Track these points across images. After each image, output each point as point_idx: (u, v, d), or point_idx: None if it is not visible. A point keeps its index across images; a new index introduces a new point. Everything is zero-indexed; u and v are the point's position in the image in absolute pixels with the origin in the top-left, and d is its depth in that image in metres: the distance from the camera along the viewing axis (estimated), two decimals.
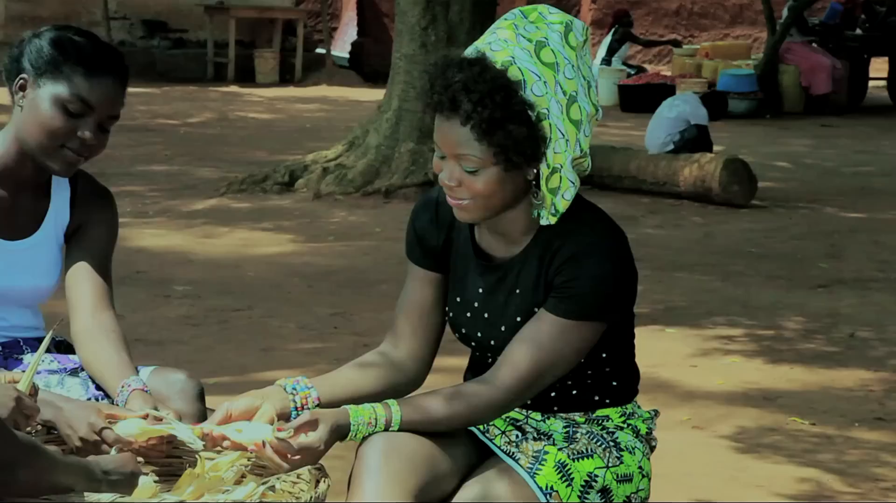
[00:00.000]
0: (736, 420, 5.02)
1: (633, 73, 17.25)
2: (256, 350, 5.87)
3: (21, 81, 2.93)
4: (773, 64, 15.81)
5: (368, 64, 18.98)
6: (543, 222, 2.70)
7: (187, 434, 2.61)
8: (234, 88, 17.30)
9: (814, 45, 16.33)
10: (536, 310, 2.71)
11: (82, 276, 3.02)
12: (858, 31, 17.12)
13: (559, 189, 2.66)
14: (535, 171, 2.65)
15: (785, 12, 16.01)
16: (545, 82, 2.60)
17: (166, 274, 7.33)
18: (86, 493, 2.31)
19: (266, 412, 2.67)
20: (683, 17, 20.99)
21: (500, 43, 2.63)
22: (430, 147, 9.83)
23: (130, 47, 17.45)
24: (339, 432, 2.63)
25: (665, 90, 14.99)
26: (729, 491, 4.31)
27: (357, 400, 2.75)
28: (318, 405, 2.74)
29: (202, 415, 2.91)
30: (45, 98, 2.89)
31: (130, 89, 3.03)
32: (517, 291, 2.75)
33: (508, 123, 2.58)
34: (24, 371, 2.72)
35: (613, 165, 10.16)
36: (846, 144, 13.50)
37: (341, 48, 19.59)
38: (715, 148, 10.57)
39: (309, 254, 8.04)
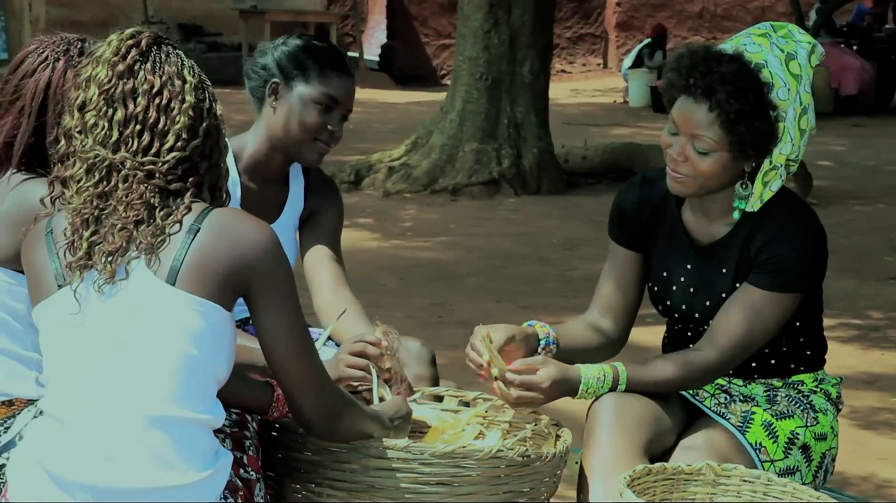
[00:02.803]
0: (844, 400, 5.30)
1: None
2: None
3: (273, 86, 3.25)
4: None
5: (398, 67, 19.26)
6: (749, 209, 2.99)
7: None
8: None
9: (842, 46, 16.62)
10: (739, 285, 3.01)
11: (320, 257, 3.33)
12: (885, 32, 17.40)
13: (771, 183, 2.96)
14: (753, 164, 2.95)
15: (813, 15, 16.28)
16: (789, 90, 2.90)
17: None
18: (383, 440, 2.62)
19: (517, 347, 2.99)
20: (706, 19, 21.28)
21: (754, 46, 2.93)
22: (493, 147, 10.22)
23: None
24: (566, 384, 2.93)
25: None
26: (856, 463, 4.60)
27: (579, 352, 3.07)
28: (557, 346, 3.06)
29: (435, 378, 3.25)
30: (298, 98, 3.24)
31: None
32: (724, 270, 3.05)
33: (753, 119, 2.88)
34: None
35: None
36: (882, 144, 13.79)
37: (369, 51, 19.86)
38: None
39: (392, 250, 8.34)
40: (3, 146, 2.75)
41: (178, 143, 2.37)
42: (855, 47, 16.87)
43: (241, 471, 2.48)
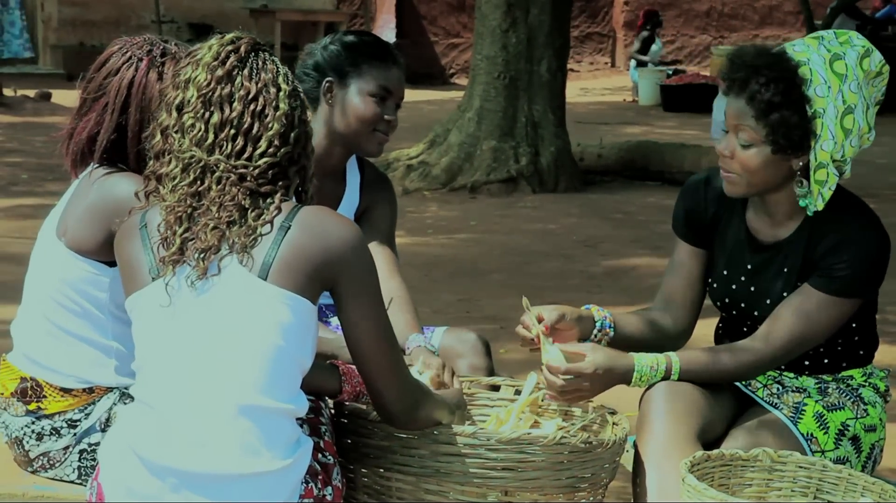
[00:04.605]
0: None
1: (671, 73, 17.62)
2: None
3: (328, 84, 3.34)
4: None
5: (407, 66, 19.25)
6: (811, 210, 3.05)
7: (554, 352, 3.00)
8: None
9: None
10: (799, 285, 3.07)
11: (374, 249, 3.41)
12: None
13: (826, 182, 3.01)
14: (801, 162, 3.01)
15: (828, 12, 16.32)
16: (829, 87, 2.95)
17: None
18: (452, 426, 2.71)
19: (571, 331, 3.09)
20: (714, 18, 21.35)
21: (802, 45, 3.02)
22: (511, 145, 10.30)
23: None
24: (617, 373, 3.00)
25: (707, 90, 15.32)
26: (890, 454, 4.67)
27: (637, 342, 3.14)
28: (613, 331, 3.14)
29: (490, 368, 3.34)
30: (354, 93, 3.32)
31: None
32: (785, 271, 3.11)
33: (784, 109, 2.95)
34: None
35: (685, 162, 10.53)
36: (891, 142, 13.81)
37: None
38: None
39: (415, 246, 8.41)
40: (87, 141, 2.84)
41: (270, 149, 2.46)
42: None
43: (320, 455, 2.56)
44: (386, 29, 20.45)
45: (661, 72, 17.56)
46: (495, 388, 3.23)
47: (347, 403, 2.78)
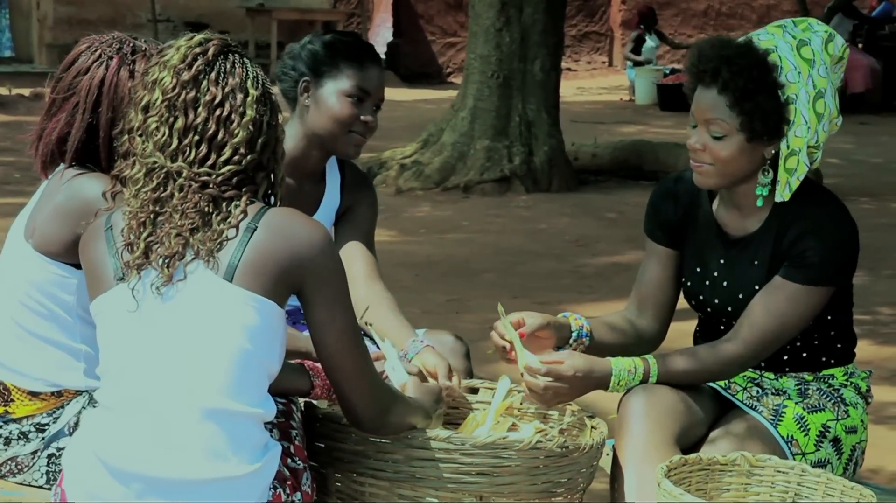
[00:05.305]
0: None
1: (668, 72, 17.59)
2: None
3: (305, 84, 3.30)
4: None
5: (404, 65, 19.30)
6: (778, 199, 3.04)
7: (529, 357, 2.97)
8: (276, 88, 17.52)
9: (850, 44, 16.66)
10: (770, 278, 3.05)
11: (354, 251, 3.38)
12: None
13: (795, 171, 3.01)
14: (773, 150, 3.00)
15: (825, 11, 16.29)
16: (799, 73, 2.96)
17: None
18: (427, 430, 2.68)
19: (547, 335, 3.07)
20: (711, 18, 21.31)
21: (766, 35, 3.02)
22: (504, 144, 10.28)
23: None
24: (595, 377, 2.97)
25: None
26: (872, 456, 4.63)
27: (613, 349, 3.11)
28: (589, 340, 3.12)
29: (469, 371, 3.31)
30: (330, 93, 3.28)
31: None
32: (756, 263, 3.09)
33: (759, 95, 2.94)
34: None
35: (679, 161, 10.49)
36: (888, 142, 13.83)
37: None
38: None
39: (406, 246, 8.39)
40: (57, 142, 2.80)
41: (235, 157, 2.42)
42: (861, 44, 16.89)
43: (289, 460, 2.53)
44: (383, 28, 20.44)
45: (658, 71, 17.53)
46: (474, 391, 3.21)
47: (317, 404, 2.75)
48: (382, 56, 19.62)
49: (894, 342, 6.28)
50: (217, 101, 2.42)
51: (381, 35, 20.32)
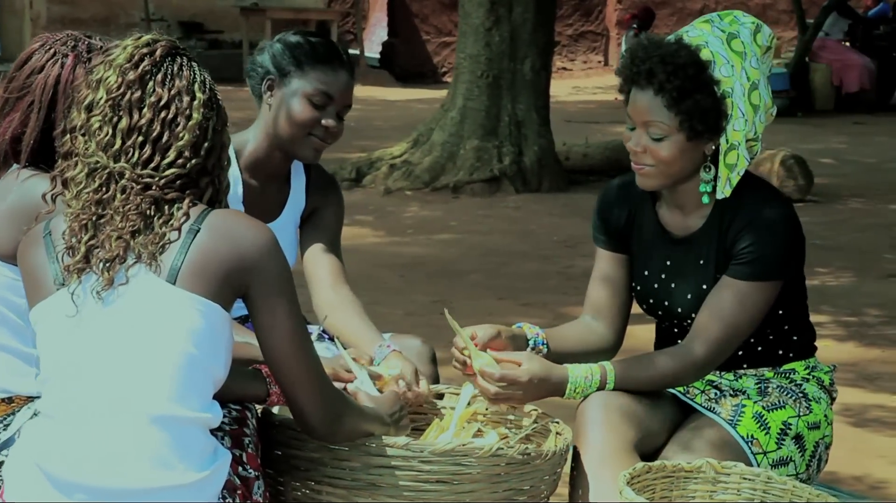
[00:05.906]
0: (841, 398, 5.31)
1: None
2: None
3: (269, 82, 3.25)
4: (804, 62, 16.08)
5: (399, 64, 19.26)
6: (719, 196, 3.03)
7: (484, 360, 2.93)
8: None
9: (845, 43, 16.62)
10: (718, 276, 3.03)
11: (320, 255, 3.33)
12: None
13: (735, 166, 2.99)
14: (713, 146, 2.97)
15: (821, 10, 16.26)
16: (732, 66, 2.95)
17: None
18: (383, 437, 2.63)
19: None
20: None
21: (695, 31, 3.01)
22: (494, 144, 10.23)
23: None
24: (551, 383, 2.94)
25: None
26: (853, 461, 4.60)
27: (571, 356, 3.08)
28: (546, 348, 3.09)
29: (435, 376, 3.26)
30: (292, 94, 3.23)
31: None
32: (701, 262, 3.07)
33: (696, 93, 2.92)
34: None
35: None
36: (882, 142, 13.78)
37: (370, 49, 19.86)
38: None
39: (393, 247, 8.35)
40: (11, 142, 2.75)
41: (179, 160, 2.37)
42: (857, 43, 16.85)
43: (240, 468, 2.48)
44: (378, 27, 20.40)
45: None
46: (439, 397, 3.16)
47: (276, 412, 2.70)
48: (377, 55, 19.64)
49: (881, 344, 6.24)
50: (163, 102, 2.37)
51: (375, 34, 20.29)
